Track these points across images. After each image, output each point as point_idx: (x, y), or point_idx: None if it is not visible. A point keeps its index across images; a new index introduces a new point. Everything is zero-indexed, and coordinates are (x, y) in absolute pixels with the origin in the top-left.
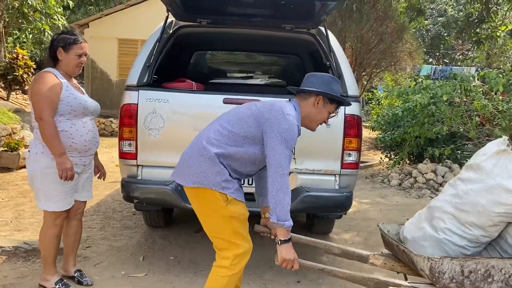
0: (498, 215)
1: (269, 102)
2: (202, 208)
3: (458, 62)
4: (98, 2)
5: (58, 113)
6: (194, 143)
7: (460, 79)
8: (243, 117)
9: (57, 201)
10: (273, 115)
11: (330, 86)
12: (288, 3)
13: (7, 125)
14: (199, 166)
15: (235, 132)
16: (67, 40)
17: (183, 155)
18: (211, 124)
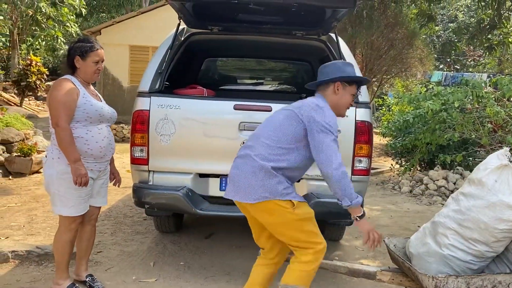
0: (501, 232)
1: (299, 103)
2: (272, 219)
3: (470, 68)
4: (110, 9)
5: (75, 120)
6: (242, 162)
7: (472, 85)
8: (279, 125)
9: (72, 206)
10: (312, 111)
11: (344, 69)
12: (299, 10)
13: (20, 131)
14: (259, 181)
15: (281, 142)
16: (83, 48)
17: (235, 176)
18: (253, 141)
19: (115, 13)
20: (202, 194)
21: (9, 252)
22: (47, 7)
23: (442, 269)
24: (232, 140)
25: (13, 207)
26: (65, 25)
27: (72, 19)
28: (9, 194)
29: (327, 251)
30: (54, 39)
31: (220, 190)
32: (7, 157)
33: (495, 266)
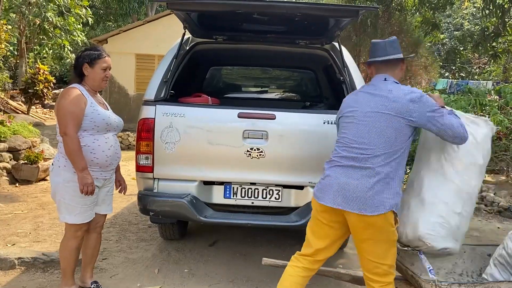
0: None
1: (390, 96)
2: (376, 234)
3: (475, 76)
4: (117, 18)
5: (82, 129)
6: (351, 171)
7: (475, 93)
8: (381, 131)
9: (78, 214)
10: (413, 102)
11: (399, 47)
12: (302, 19)
13: (27, 139)
14: (380, 191)
15: (389, 147)
16: (91, 55)
17: (348, 185)
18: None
19: (122, 22)
20: (207, 201)
21: (15, 259)
22: (54, 17)
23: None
24: (236, 148)
25: (19, 214)
26: (72, 34)
27: (79, 28)
28: (15, 201)
29: (331, 259)
30: (61, 48)
31: (224, 197)
32: (14, 164)
33: (498, 274)
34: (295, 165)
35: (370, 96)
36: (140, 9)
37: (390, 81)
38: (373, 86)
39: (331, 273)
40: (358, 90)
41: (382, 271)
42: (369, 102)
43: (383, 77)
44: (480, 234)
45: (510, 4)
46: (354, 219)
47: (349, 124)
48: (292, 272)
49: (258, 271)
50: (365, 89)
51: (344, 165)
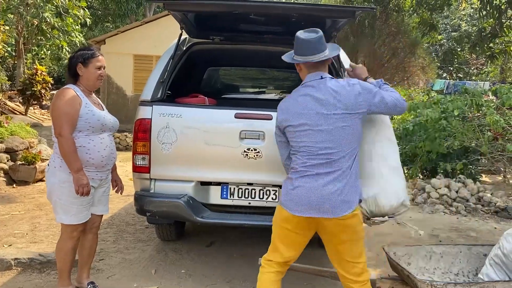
0: None
1: (337, 96)
2: (353, 234)
3: (473, 76)
4: (115, 19)
5: (77, 129)
6: (321, 178)
7: (472, 94)
8: (340, 133)
9: (74, 215)
10: (359, 95)
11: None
12: (299, 20)
13: (25, 139)
14: (350, 190)
15: (349, 145)
16: (85, 55)
17: (321, 193)
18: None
19: (120, 22)
20: (203, 202)
21: (12, 260)
22: (52, 17)
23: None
24: (233, 149)
25: (16, 215)
26: (70, 35)
27: (77, 29)
28: (12, 202)
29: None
30: (59, 49)
31: (221, 198)
32: (11, 165)
33: (494, 274)
34: None
35: (316, 99)
36: (138, 10)
37: (327, 79)
38: (313, 87)
39: (328, 273)
40: (298, 95)
41: (360, 269)
42: (317, 106)
43: (318, 75)
44: (477, 234)
45: (507, 5)
46: (332, 224)
47: (306, 132)
48: (266, 278)
49: (255, 271)
50: (305, 91)
51: (313, 173)
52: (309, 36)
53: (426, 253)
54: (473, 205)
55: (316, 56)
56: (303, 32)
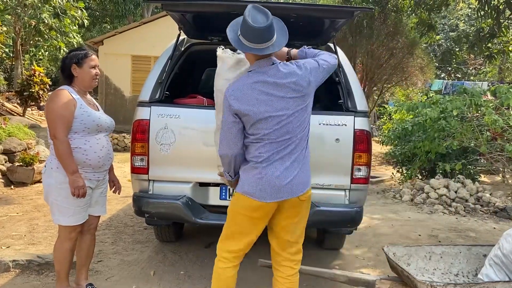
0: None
1: (292, 80)
2: (306, 213)
3: (471, 76)
4: (113, 20)
5: (72, 131)
6: (285, 163)
7: (470, 94)
8: (298, 117)
9: (71, 216)
10: (309, 75)
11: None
12: (297, 20)
13: (23, 141)
14: (307, 169)
15: (305, 128)
16: (78, 55)
17: (287, 176)
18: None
19: (118, 23)
20: (202, 203)
21: (10, 262)
22: (50, 18)
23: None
24: None
25: (14, 217)
26: (68, 36)
27: (74, 29)
28: (10, 203)
29: (328, 260)
30: (57, 50)
31: (220, 199)
32: (9, 166)
33: (494, 274)
34: None
35: (272, 85)
36: (136, 10)
37: (278, 64)
38: (266, 74)
39: (327, 274)
40: (251, 81)
41: (296, 249)
42: (275, 92)
43: (269, 61)
44: (476, 235)
45: (505, 5)
46: (291, 204)
47: (268, 119)
48: (225, 273)
49: (254, 272)
50: (259, 78)
51: (278, 158)
52: (258, 22)
53: (425, 253)
54: (472, 205)
55: (264, 44)
56: (252, 12)
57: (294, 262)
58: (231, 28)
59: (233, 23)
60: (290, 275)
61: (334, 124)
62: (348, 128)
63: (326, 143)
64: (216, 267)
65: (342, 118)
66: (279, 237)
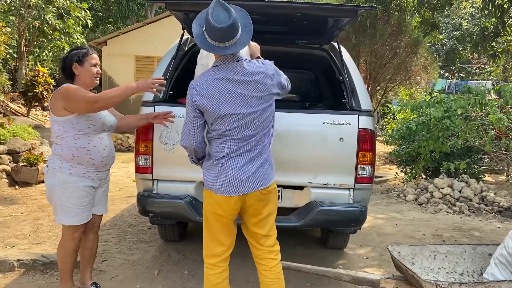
0: None
1: (255, 78)
2: (273, 207)
3: (475, 76)
4: (116, 20)
5: (77, 128)
6: (246, 157)
7: (475, 93)
8: (261, 114)
9: (75, 215)
10: (274, 76)
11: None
12: (301, 19)
13: (27, 141)
14: (269, 165)
15: (268, 124)
16: (79, 54)
17: (248, 170)
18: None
19: (121, 24)
20: None
21: (14, 261)
22: (54, 19)
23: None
24: None
25: (19, 217)
26: (72, 37)
27: (78, 30)
28: (15, 203)
29: (332, 260)
30: (60, 50)
31: None
32: (13, 166)
33: (499, 273)
34: (295, 165)
35: (235, 83)
36: (140, 11)
37: (243, 61)
38: (231, 70)
39: (331, 274)
40: (215, 78)
41: (273, 241)
42: (238, 89)
43: (234, 58)
44: (481, 234)
45: (509, 4)
46: (255, 199)
47: (229, 116)
48: (215, 279)
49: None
50: (222, 75)
51: (238, 154)
52: (220, 22)
53: (430, 252)
54: (476, 204)
55: (228, 43)
56: (214, 11)
57: (274, 253)
58: (197, 22)
59: (200, 16)
60: (272, 266)
61: (338, 123)
62: (352, 127)
63: (330, 142)
64: (206, 274)
65: (346, 117)
66: (253, 233)
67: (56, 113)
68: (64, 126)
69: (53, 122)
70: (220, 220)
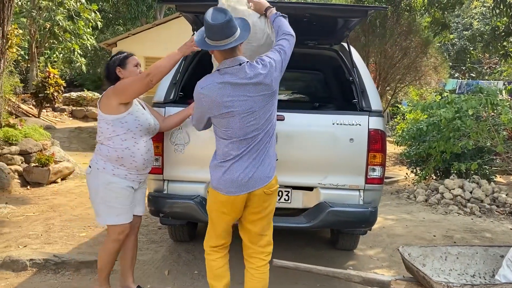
0: None
1: (257, 80)
2: (274, 204)
3: (486, 76)
4: (126, 22)
5: (125, 127)
6: (250, 157)
7: (486, 93)
8: (264, 114)
9: (119, 215)
10: (273, 71)
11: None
12: (311, 20)
13: (38, 142)
14: (272, 161)
15: (271, 122)
16: (120, 58)
17: (252, 169)
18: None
19: (131, 25)
20: None
21: (27, 261)
22: (64, 21)
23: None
24: None
25: (31, 217)
26: (82, 38)
27: (88, 32)
28: (27, 203)
29: (341, 261)
30: (71, 52)
31: None
32: (25, 167)
33: (511, 275)
34: (305, 166)
35: (237, 86)
36: (149, 12)
37: (244, 65)
38: (232, 75)
39: (341, 275)
40: (217, 81)
41: (266, 242)
42: (240, 92)
43: (236, 61)
44: (492, 235)
45: None
46: (259, 197)
47: (232, 119)
48: (217, 264)
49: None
50: (224, 79)
51: (243, 155)
52: (217, 19)
53: (441, 254)
54: (487, 205)
55: (226, 40)
56: (211, 12)
57: (264, 254)
58: (199, 33)
59: (202, 28)
60: (260, 266)
61: (348, 124)
62: (362, 128)
63: (340, 143)
64: (207, 260)
65: (356, 118)
66: (248, 231)
67: (108, 111)
68: (114, 125)
69: (101, 122)
70: (224, 218)
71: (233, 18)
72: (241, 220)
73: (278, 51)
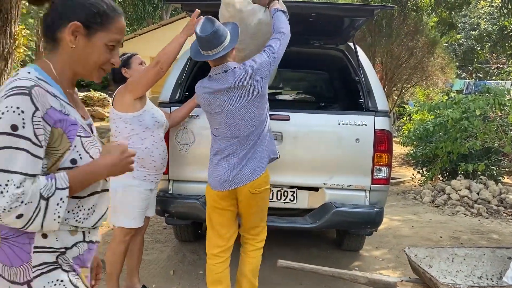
0: None
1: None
2: (266, 197)
3: (493, 76)
4: (132, 22)
5: (144, 125)
6: (238, 154)
7: (494, 93)
8: (251, 114)
9: (134, 218)
10: (257, 72)
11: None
12: (317, 19)
13: None
14: (263, 156)
15: (260, 122)
16: (124, 58)
17: (239, 165)
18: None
19: (137, 25)
20: None
21: None
22: None
23: None
24: None
25: None
26: None
27: None
28: None
29: (347, 261)
30: None
31: None
32: None
33: None
34: (310, 166)
35: (222, 91)
36: (155, 13)
37: (229, 72)
38: (218, 81)
39: (347, 276)
40: (207, 86)
41: (259, 231)
42: (224, 97)
43: (222, 69)
44: (500, 237)
45: None
46: (244, 196)
47: (221, 120)
48: (216, 269)
49: (273, 272)
50: (211, 85)
51: (230, 153)
52: (204, 31)
53: (448, 255)
54: (495, 207)
55: (215, 50)
56: (202, 23)
57: (256, 240)
58: (195, 43)
59: (194, 41)
60: (251, 251)
61: (354, 124)
62: (368, 128)
63: (346, 143)
64: (208, 264)
65: (362, 118)
66: (242, 223)
67: (124, 109)
68: (132, 123)
69: (118, 121)
70: (217, 212)
71: (221, 28)
72: (238, 212)
73: (267, 53)
